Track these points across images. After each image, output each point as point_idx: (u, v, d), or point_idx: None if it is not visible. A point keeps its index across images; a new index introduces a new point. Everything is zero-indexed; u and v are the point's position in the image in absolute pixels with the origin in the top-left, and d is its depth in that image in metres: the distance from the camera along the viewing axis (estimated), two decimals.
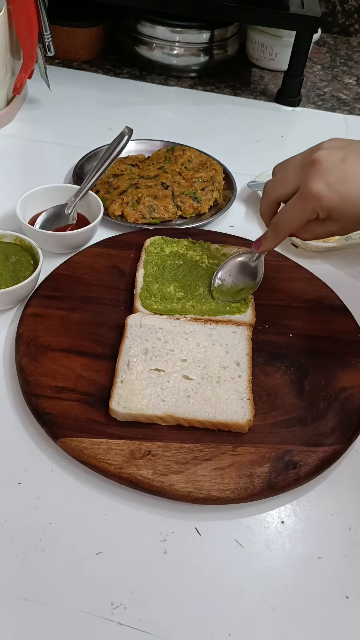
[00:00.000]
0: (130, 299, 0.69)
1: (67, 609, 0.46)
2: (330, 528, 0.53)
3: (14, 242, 0.71)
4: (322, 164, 0.56)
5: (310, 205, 0.58)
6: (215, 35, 1.19)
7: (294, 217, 0.60)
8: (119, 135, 0.82)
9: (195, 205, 0.84)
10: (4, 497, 0.52)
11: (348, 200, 0.56)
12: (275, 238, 0.65)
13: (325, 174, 0.56)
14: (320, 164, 0.57)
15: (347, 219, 0.58)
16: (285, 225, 0.62)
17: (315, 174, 0.57)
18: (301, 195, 0.58)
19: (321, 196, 0.56)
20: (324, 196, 0.56)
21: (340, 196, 0.56)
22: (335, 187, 0.56)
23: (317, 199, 0.57)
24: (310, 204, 0.58)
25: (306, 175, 0.58)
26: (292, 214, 0.60)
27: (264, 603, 0.48)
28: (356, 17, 1.45)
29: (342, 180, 0.56)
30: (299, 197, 0.59)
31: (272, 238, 0.65)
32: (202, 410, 0.56)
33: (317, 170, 0.57)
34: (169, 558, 0.50)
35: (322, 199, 0.56)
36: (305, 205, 0.58)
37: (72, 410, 0.56)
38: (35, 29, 0.92)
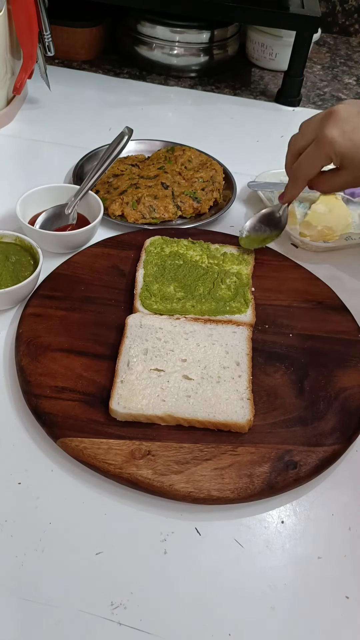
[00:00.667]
0: (130, 299, 0.69)
1: (67, 609, 0.46)
2: (330, 528, 0.53)
3: (14, 242, 0.71)
4: (339, 114, 0.62)
5: (324, 150, 0.63)
6: (215, 35, 1.19)
7: (309, 162, 0.65)
8: (119, 135, 0.82)
9: (195, 205, 0.84)
10: (4, 497, 0.52)
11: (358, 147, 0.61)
12: (295, 186, 0.70)
13: (341, 122, 0.61)
14: (337, 114, 0.62)
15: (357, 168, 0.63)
16: (303, 172, 0.67)
17: (331, 122, 0.62)
18: (317, 142, 0.63)
19: (335, 141, 0.61)
20: (337, 141, 0.61)
21: (353, 143, 0.61)
22: (349, 134, 0.61)
23: (330, 144, 0.62)
24: (324, 149, 0.63)
25: (323, 123, 0.63)
26: (307, 159, 0.65)
27: (264, 603, 0.48)
28: (356, 17, 1.45)
29: (356, 129, 0.61)
30: (315, 144, 0.64)
31: (292, 186, 0.70)
32: (202, 410, 0.56)
33: (333, 119, 0.62)
34: (169, 558, 0.50)
35: (336, 144, 0.61)
36: (320, 151, 0.63)
37: (72, 410, 0.56)
38: (35, 29, 0.92)
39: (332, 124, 0.62)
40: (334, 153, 0.62)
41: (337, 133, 0.61)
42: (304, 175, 0.67)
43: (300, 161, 0.67)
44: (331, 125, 0.62)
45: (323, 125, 0.62)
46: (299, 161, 0.67)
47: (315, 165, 0.65)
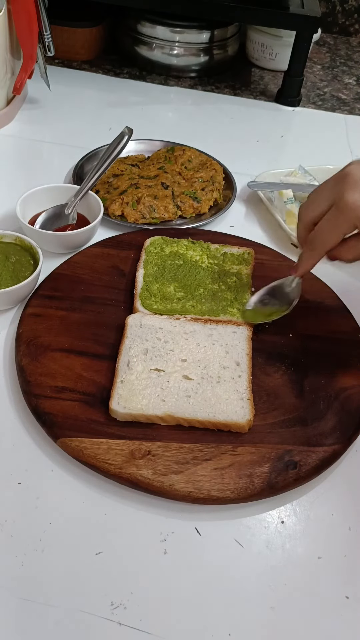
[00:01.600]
0: (130, 299, 0.69)
1: (67, 609, 0.46)
2: (330, 528, 0.53)
3: (14, 242, 0.70)
4: (355, 176, 0.56)
5: (347, 216, 0.57)
6: (215, 35, 1.19)
7: (331, 231, 0.59)
8: (119, 135, 0.82)
9: (195, 205, 0.84)
10: (4, 497, 0.52)
11: None
12: (312, 257, 0.63)
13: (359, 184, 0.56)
14: (353, 176, 0.56)
15: None
16: (323, 242, 0.60)
17: (350, 186, 0.56)
18: (337, 208, 0.57)
19: (358, 206, 0.55)
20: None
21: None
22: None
23: (353, 209, 0.56)
24: (347, 216, 0.57)
25: (340, 188, 0.57)
26: (328, 228, 0.59)
27: (264, 603, 0.48)
28: (356, 17, 1.45)
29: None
30: (335, 210, 0.58)
31: (309, 258, 0.63)
32: (202, 410, 0.56)
33: (351, 182, 0.56)
34: (169, 558, 0.50)
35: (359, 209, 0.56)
36: (342, 218, 0.57)
37: (72, 410, 0.56)
38: (35, 29, 0.92)
39: (351, 188, 0.56)
40: (358, 218, 0.56)
41: (359, 197, 0.55)
42: (323, 245, 0.60)
43: (318, 230, 0.60)
44: (350, 189, 0.56)
45: (340, 190, 0.57)
46: (317, 230, 0.60)
47: (338, 233, 0.58)
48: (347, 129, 1.11)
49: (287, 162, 0.95)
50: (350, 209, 0.56)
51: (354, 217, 0.56)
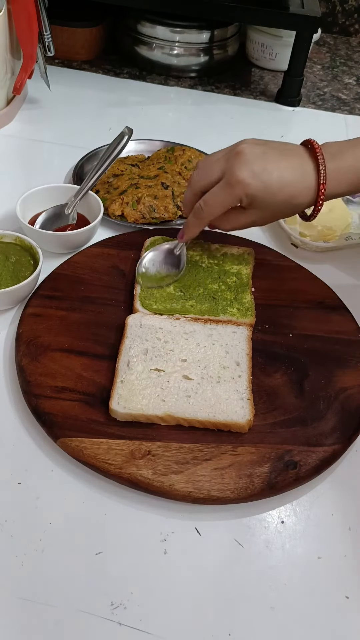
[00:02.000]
0: (130, 299, 0.69)
1: (67, 609, 0.46)
2: (330, 528, 0.53)
3: (14, 242, 0.71)
4: (246, 155, 0.61)
5: (235, 191, 0.61)
6: (215, 35, 1.19)
7: (218, 202, 0.63)
8: (119, 135, 0.82)
9: None
10: (4, 497, 0.52)
11: (269, 189, 0.61)
12: (198, 224, 0.67)
13: (250, 163, 0.61)
14: (245, 155, 0.61)
15: (266, 207, 0.63)
16: (209, 211, 0.65)
17: (241, 163, 0.61)
18: (227, 182, 0.62)
19: (247, 183, 0.60)
20: (249, 183, 0.60)
21: (264, 185, 0.60)
22: (259, 175, 0.60)
23: (243, 185, 0.61)
24: (235, 190, 0.61)
25: (232, 164, 0.61)
26: (216, 199, 0.63)
27: (264, 603, 0.48)
28: (356, 17, 1.45)
29: (264, 170, 0.60)
30: (224, 184, 0.62)
31: (194, 224, 0.68)
32: (202, 410, 0.56)
33: (242, 160, 0.61)
34: (169, 558, 0.50)
35: (248, 186, 0.60)
36: (230, 191, 0.62)
37: (72, 410, 0.56)
38: (35, 29, 0.92)
39: (242, 165, 0.60)
40: (245, 194, 0.61)
41: (248, 174, 0.60)
42: (209, 214, 0.65)
43: (205, 200, 0.64)
44: (241, 166, 0.60)
45: (232, 166, 0.61)
46: (204, 200, 0.64)
47: (224, 205, 0.63)
48: (347, 129, 1.11)
49: None
50: (240, 185, 0.61)
51: (241, 192, 0.61)
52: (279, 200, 0.62)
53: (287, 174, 0.61)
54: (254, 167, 0.60)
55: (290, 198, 0.62)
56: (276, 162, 0.61)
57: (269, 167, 0.61)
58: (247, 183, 0.60)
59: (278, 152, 0.63)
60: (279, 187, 0.61)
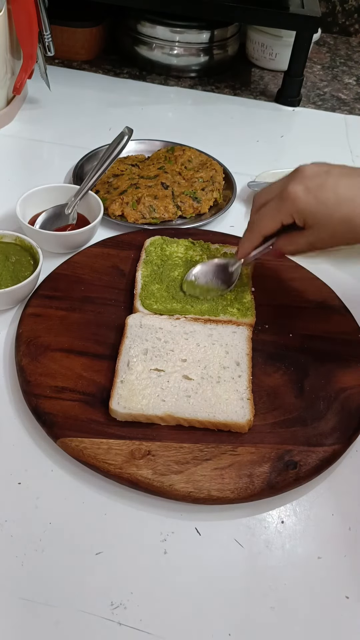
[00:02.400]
0: (130, 299, 0.69)
1: (67, 609, 0.46)
2: (330, 528, 0.53)
3: (14, 242, 0.71)
4: (305, 171, 0.59)
5: (286, 205, 0.59)
6: (215, 35, 1.19)
7: (268, 217, 0.62)
8: (119, 135, 0.82)
9: (195, 205, 0.84)
10: (4, 497, 0.52)
11: (323, 205, 0.57)
12: (250, 240, 0.65)
13: (306, 179, 0.58)
14: (303, 171, 0.59)
15: (323, 228, 0.58)
16: (260, 226, 0.63)
17: (296, 179, 0.59)
18: (279, 197, 0.60)
19: (298, 197, 0.58)
20: (300, 198, 0.58)
21: (317, 200, 0.57)
22: (313, 192, 0.57)
23: (292, 200, 0.58)
24: (286, 205, 0.59)
25: (287, 180, 0.60)
26: (267, 214, 0.62)
27: (264, 603, 0.48)
28: (356, 17, 1.45)
29: (321, 187, 0.57)
30: (277, 198, 0.60)
31: (246, 240, 0.66)
32: (202, 410, 0.56)
33: (299, 176, 0.59)
34: (169, 558, 0.50)
35: (298, 201, 0.58)
36: (281, 206, 0.60)
37: (72, 410, 0.56)
38: (35, 29, 0.92)
39: (297, 181, 0.58)
40: (296, 210, 0.58)
41: (301, 189, 0.58)
42: (260, 230, 0.63)
43: (259, 215, 0.63)
44: (296, 181, 0.58)
45: (288, 182, 0.59)
46: (258, 214, 0.63)
47: (274, 220, 0.61)
48: (347, 129, 1.11)
49: (287, 162, 0.95)
50: (289, 199, 0.58)
51: (291, 207, 0.59)
52: (336, 220, 0.57)
53: (345, 191, 0.57)
54: (309, 183, 0.58)
55: (348, 218, 0.56)
56: (336, 179, 0.58)
57: (327, 184, 0.57)
58: (298, 198, 0.58)
59: (341, 170, 0.59)
60: (335, 205, 0.57)
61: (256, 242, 0.65)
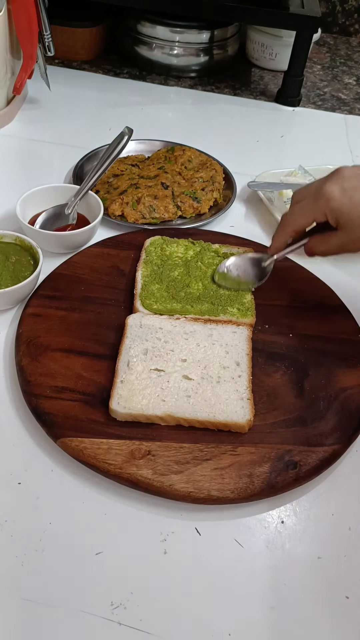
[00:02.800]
0: (130, 299, 0.69)
1: (67, 609, 0.46)
2: (330, 528, 0.53)
3: (14, 242, 0.71)
4: (343, 172, 0.60)
5: (320, 203, 0.60)
6: (215, 35, 1.19)
7: (302, 213, 0.62)
8: (119, 135, 0.82)
9: (195, 205, 0.84)
10: (4, 497, 0.52)
11: (356, 207, 0.58)
12: (282, 235, 0.66)
13: (343, 180, 0.59)
14: (341, 172, 0.60)
15: (354, 229, 0.59)
16: (293, 221, 0.64)
17: (333, 179, 0.60)
18: (315, 195, 0.61)
19: (333, 197, 0.59)
20: (335, 197, 0.59)
21: (351, 201, 0.58)
22: (349, 192, 0.58)
23: (327, 199, 0.59)
24: (321, 203, 0.60)
25: (325, 180, 0.61)
26: (301, 209, 0.63)
27: (264, 603, 0.48)
28: (356, 17, 1.45)
29: (357, 189, 0.58)
30: (313, 196, 0.61)
31: (279, 235, 0.67)
32: (202, 410, 0.56)
33: (336, 176, 0.60)
34: (169, 558, 0.50)
35: (332, 200, 0.59)
36: (315, 203, 0.61)
37: (72, 410, 0.56)
38: (35, 29, 0.92)
39: (334, 181, 0.60)
40: (330, 209, 0.59)
41: (337, 189, 0.59)
42: (292, 225, 0.64)
43: (292, 211, 0.64)
44: (332, 181, 0.60)
45: (325, 181, 0.60)
46: (291, 210, 0.64)
47: (308, 216, 0.62)
48: (347, 129, 1.11)
49: (287, 162, 0.95)
50: (324, 197, 0.59)
51: (325, 205, 0.60)
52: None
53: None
54: (345, 184, 0.59)
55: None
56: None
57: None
58: (333, 197, 0.59)
59: None
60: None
61: (288, 237, 0.66)
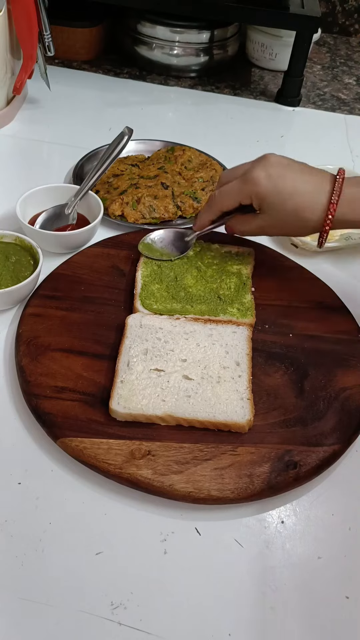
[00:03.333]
0: (130, 299, 0.69)
1: (67, 609, 0.46)
2: (330, 528, 0.53)
3: (14, 242, 0.71)
4: (269, 159, 0.64)
5: (247, 187, 0.64)
6: (215, 35, 1.19)
7: (230, 195, 0.66)
8: (118, 135, 0.82)
9: (195, 205, 0.84)
10: (4, 497, 0.52)
11: (280, 194, 0.63)
12: (208, 213, 0.70)
13: (269, 166, 0.63)
14: (268, 159, 0.64)
15: (276, 214, 0.64)
16: (219, 200, 0.68)
17: (261, 164, 0.64)
18: (243, 178, 0.65)
19: (259, 182, 0.63)
20: (261, 183, 0.63)
21: (276, 188, 0.63)
22: (274, 179, 0.63)
23: (254, 183, 0.63)
24: (248, 187, 0.64)
25: (253, 164, 0.65)
26: (229, 192, 0.66)
27: (264, 603, 0.48)
28: (356, 17, 1.45)
29: (280, 176, 0.63)
30: (240, 179, 0.65)
31: (205, 213, 0.70)
32: (202, 410, 0.56)
33: (263, 162, 0.64)
34: (169, 558, 0.50)
35: (259, 185, 0.63)
36: (242, 187, 0.65)
37: (72, 410, 0.56)
38: (35, 29, 0.92)
39: (261, 166, 0.63)
40: (255, 193, 0.64)
41: (264, 175, 0.63)
42: (218, 205, 0.68)
43: (220, 191, 0.67)
44: (260, 167, 0.63)
45: (253, 166, 0.64)
46: (219, 190, 0.68)
47: (234, 198, 0.66)
48: (347, 129, 1.11)
49: None
50: (251, 181, 0.64)
51: (251, 189, 0.64)
52: (288, 209, 0.63)
53: (300, 185, 0.63)
54: (272, 171, 0.63)
55: (298, 209, 0.63)
56: (295, 173, 0.63)
57: (287, 175, 0.63)
58: (260, 182, 0.63)
59: (302, 167, 0.65)
60: (289, 195, 0.62)
61: (213, 216, 0.70)
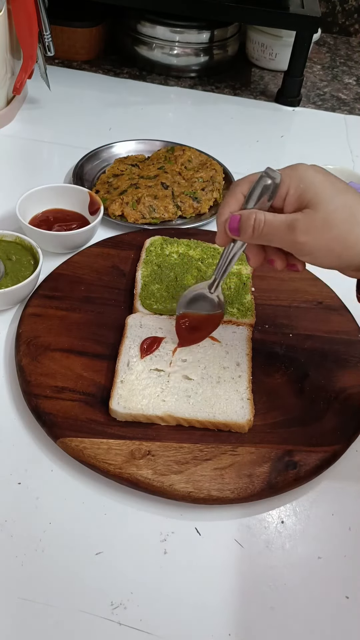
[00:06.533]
0: (130, 299, 0.69)
1: (67, 609, 0.46)
2: (330, 528, 0.53)
3: (14, 242, 0.71)
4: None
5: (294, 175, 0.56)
6: (215, 35, 1.19)
7: None
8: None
9: (195, 205, 0.84)
10: (4, 497, 0.52)
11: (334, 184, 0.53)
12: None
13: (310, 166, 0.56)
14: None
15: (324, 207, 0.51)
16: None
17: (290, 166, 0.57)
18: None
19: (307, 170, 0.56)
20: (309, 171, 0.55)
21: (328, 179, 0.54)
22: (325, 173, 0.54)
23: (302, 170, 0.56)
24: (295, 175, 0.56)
25: None
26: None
27: (264, 603, 0.48)
28: (356, 17, 1.45)
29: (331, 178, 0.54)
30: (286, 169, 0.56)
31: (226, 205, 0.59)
32: (202, 410, 0.56)
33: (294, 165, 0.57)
34: (169, 558, 0.50)
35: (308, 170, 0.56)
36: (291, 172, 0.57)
37: (72, 410, 0.56)
38: (35, 29, 0.92)
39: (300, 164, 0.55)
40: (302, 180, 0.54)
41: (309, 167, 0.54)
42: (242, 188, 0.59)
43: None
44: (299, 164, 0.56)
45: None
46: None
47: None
48: (347, 129, 1.11)
49: (287, 162, 0.94)
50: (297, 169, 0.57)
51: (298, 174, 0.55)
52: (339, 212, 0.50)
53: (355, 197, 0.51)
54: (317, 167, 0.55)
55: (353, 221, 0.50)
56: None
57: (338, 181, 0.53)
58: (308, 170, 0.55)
59: None
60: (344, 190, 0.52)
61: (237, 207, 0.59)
